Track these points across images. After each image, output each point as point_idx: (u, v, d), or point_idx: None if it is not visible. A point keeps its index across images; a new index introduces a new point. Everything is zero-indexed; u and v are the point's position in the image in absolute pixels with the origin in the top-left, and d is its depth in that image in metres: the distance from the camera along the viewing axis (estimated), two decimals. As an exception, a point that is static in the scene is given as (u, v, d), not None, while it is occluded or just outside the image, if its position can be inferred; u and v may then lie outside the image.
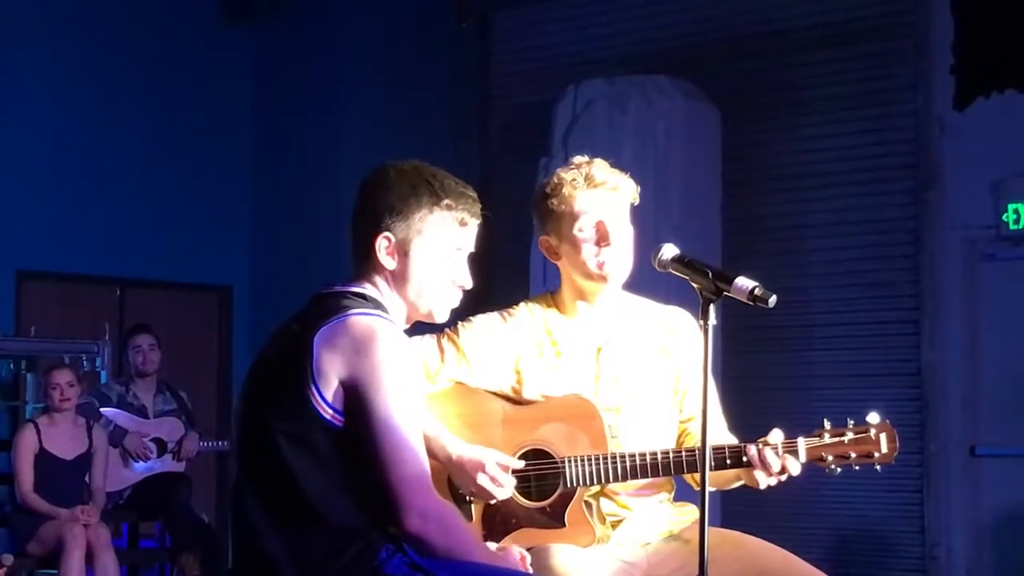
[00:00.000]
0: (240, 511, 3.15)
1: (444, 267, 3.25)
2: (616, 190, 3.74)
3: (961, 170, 9.65)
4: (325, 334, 3.07)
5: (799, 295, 9.64)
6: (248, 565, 3.15)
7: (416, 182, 3.21)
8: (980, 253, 9.67)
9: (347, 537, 3.05)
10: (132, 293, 11.24)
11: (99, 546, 7.80)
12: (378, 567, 3.03)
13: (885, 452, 3.57)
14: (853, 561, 9.61)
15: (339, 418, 3.05)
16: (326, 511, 3.05)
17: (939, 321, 9.73)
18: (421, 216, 3.20)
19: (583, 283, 3.77)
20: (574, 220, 3.72)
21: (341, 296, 3.19)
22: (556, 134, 9.68)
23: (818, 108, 10.12)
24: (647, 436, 3.70)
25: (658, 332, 3.81)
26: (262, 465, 3.11)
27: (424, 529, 3.02)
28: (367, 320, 3.09)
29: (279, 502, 3.08)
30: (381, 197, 3.20)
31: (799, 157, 10.22)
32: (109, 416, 8.58)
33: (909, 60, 9.82)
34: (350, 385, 3.04)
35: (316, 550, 3.04)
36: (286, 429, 3.06)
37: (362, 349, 3.04)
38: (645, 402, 3.75)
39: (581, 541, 3.63)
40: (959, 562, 9.59)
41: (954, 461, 9.63)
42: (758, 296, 3.26)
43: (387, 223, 3.19)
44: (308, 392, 3.04)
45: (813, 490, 9.02)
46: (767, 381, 9.91)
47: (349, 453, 3.05)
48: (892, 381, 9.75)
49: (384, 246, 3.20)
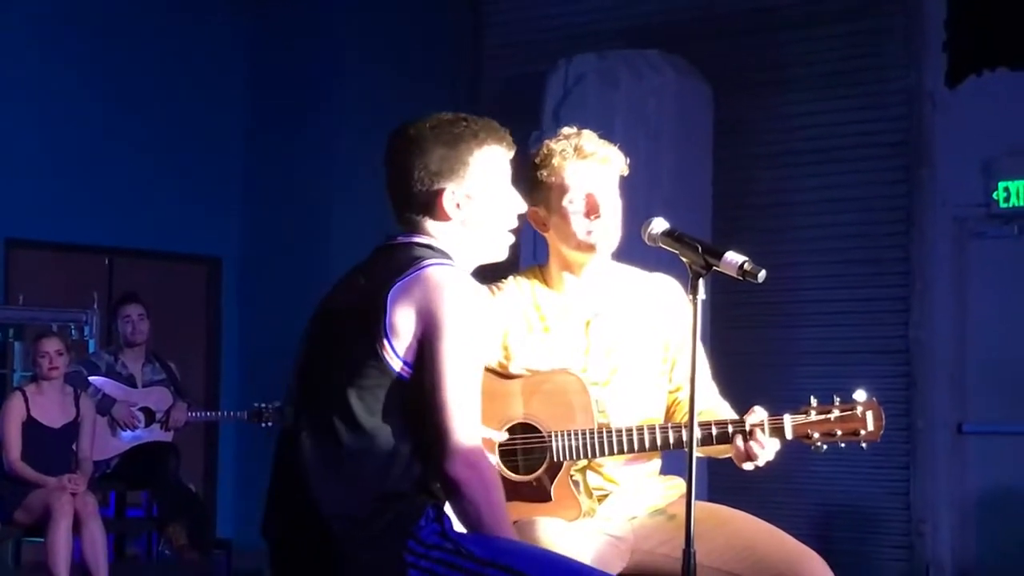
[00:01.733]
0: (291, 460, 3.15)
1: (505, 200, 3.32)
2: (606, 161, 3.74)
3: (952, 148, 9.65)
4: (400, 288, 3.10)
5: (788, 271, 9.64)
6: (291, 515, 3.15)
7: (453, 129, 3.25)
8: (970, 231, 9.68)
9: (395, 497, 3.07)
10: (121, 263, 11.22)
11: (86, 515, 7.80)
12: (415, 532, 3.05)
13: (871, 430, 3.58)
14: (839, 537, 9.64)
15: (408, 370, 3.09)
16: (382, 468, 3.07)
17: (928, 299, 9.75)
18: (474, 159, 3.24)
19: (571, 255, 3.76)
20: (564, 192, 3.72)
21: (409, 247, 3.22)
22: (547, 108, 9.67)
23: (809, 85, 10.11)
24: (636, 408, 3.71)
25: (647, 302, 3.80)
26: (326, 417, 3.11)
27: (467, 477, 3.04)
28: (443, 271, 3.13)
29: (339, 455, 3.09)
30: (426, 153, 3.23)
31: (790, 134, 10.22)
32: (97, 385, 8.57)
33: (901, 38, 9.81)
34: (423, 335, 3.08)
35: (364, 506, 3.06)
36: (358, 383, 3.09)
37: (437, 299, 3.08)
38: (635, 374, 3.75)
39: (567, 515, 3.64)
40: (944, 539, 9.63)
41: (941, 438, 9.66)
42: (747, 271, 3.26)
43: (444, 176, 3.22)
44: (380, 346, 3.08)
45: (799, 466, 9.04)
46: (754, 357, 9.92)
47: (414, 405, 3.08)
48: (880, 358, 9.77)
49: (450, 199, 3.23)
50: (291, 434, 3.18)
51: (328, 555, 3.06)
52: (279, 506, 3.20)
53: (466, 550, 3.05)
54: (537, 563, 3.09)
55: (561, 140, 3.76)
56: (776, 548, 3.60)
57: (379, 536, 3.05)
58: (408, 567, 3.04)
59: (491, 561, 3.04)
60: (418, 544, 3.05)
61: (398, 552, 3.04)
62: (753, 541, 3.62)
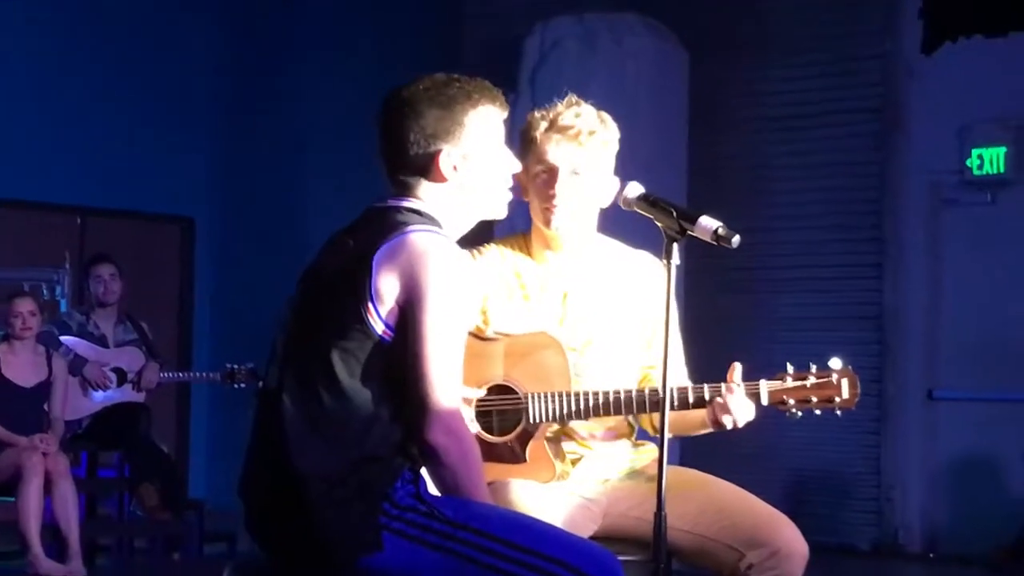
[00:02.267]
0: (271, 420, 3.15)
1: (501, 159, 3.31)
2: (577, 138, 3.69)
3: (927, 115, 9.67)
4: (385, 252, 3.10)
5: (763, 236, 9.65)
6: (267, 475, 3.15)
7: (447, 91, 3.25)
8: (944, 198, 9.70)
9: (372, 459, 3.08)
10: (93, 222, 11.17)
11: (58, 474, 7.78)
12: (389, 494, 3.06)
13: (846, 398, 3.59)
14: (810, 501, 9.69)
15: (390, 333, 3.10)
16: (362, 430, 3.08)
17: (901, 265, 9.78)
18: (468, 120, 3.24)
19: (539, 226, 3.76)
20: (536, 162, 3.72)
21: (397, 211, 3.22)
22: (524, 72, 9.65)
23: (786, 51, 10.11)
24: (609, 379, 3.71)
25: (627, 278, 3.80)
26: (308, 377, 3.12)
27: (445, 443, 3.05)
28: (427, 237, 3.12)
29: (319, 416, 3.10)
30: (421, 115, 3.22)
31: (766, 99, 10.22)
32: (69, 345, 8.54)
33: (877, 4, 9.81)
34: (405, 301, 3.08)
35: (341, 468, 3.06)
36: (341, 344, 3.09)
37: (420, 266, 3.08)
38: (607, 347, 3.75)
39: (541, 477, 3.64)
40: (914, 503, 9.69)
41: (912, 404, 9.71)
42: (721, 236, 3.26)
43: (440, 138, 3.22)
44: (365, 309, 3.09)
45: (771, 432, 9.07)
46: (729, 322, 9.94)
47: (394, 367, 3.09)
48: (853, 324, 9.80)
49: (447, 161, 3.22)
50: (272, 394, 3.18)
51: (303, 515, 3.06)
52: (256, 465, 3.20)
53: (439, 512, 3.07)
54: (509, 526, 3.10)
55: (546, 109, 3.74)
56: (748, 512, 3.61)
57: (354, 497, 3.05)
58: (382, 528, 3.04)
59: (464, 524, 3.06)
60: (392, 506, 3.06)
61: (372, 513, 3.05)
62: (725, 505, 3.63)
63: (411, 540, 3.05)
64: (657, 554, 3.16)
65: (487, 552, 3.04)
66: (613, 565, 3.11)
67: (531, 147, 3.72)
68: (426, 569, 3.05)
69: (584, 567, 3.05)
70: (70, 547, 7.74)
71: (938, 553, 9.56)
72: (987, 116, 9.40)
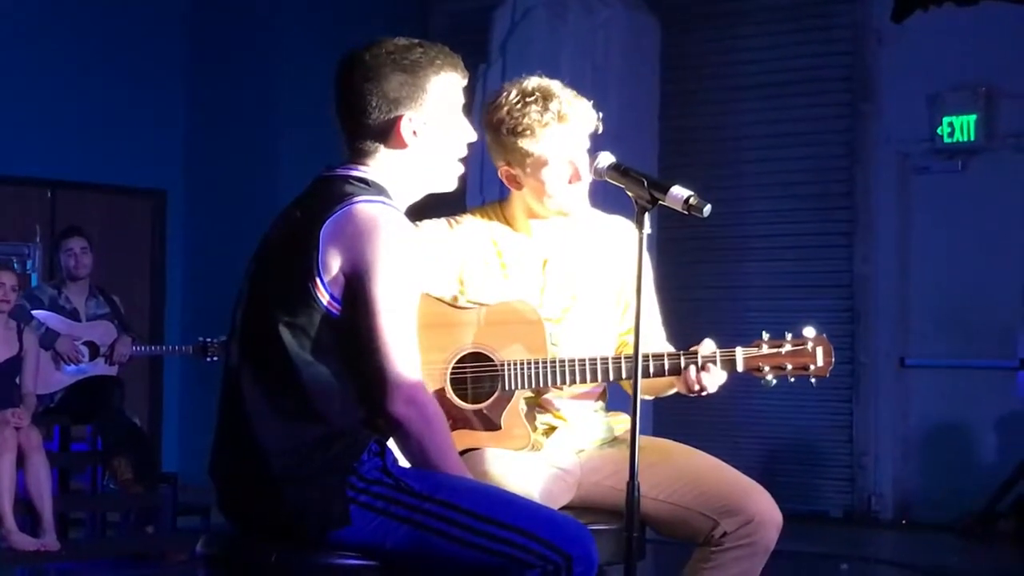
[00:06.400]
0: (234, 397, 3.14)
1: (458, 129, 3.27)
2: (583, 121, 3.70)
3: (897, 83, 9.69)
4: (331, 225, 3.06)
5: (734, 206, 9.68)
6: (233, 452, 3.14)
7: (410, 55, 3.19)
8: (914, 166, 9.74)
9: (337, 434, 3.06)
10: (64, 195, 11.12)
11: (30, 448, 7.77)
12: (356, 467, 3.05)
13: (820, 365, 3.61)
14: (783, 469, 9.74)
15: (336, 306, 3.06)
16: (322, 405, 3.06)
17: (872, 233, 9.81)
18: (431, 86, 3.20)
19: (541, 208, 3.75)
20: (546, 161, 3.67)
21: (344, 181, 3.17)
22: (494, 42, 9.62)
23: (756, 19, 10.12)
24: (586, 346, 3.71)
25: (604, 244, 3.81)
26: (263, 353, 3.10)
27: (407, 415, 3.04)
28: (372, 208, 3.08)
29: (277, 392, 3.08)
30: (384, 80, 3.17)
31: (736, 68, 10.23)
32: (41, 319, 8.51)
33: (848, -28, 9.82)
34: (351, 273, 3.04)
35: (306, 444, 3.05)
36: (289, 320, 3.06)
37: (365, 237, 3.04)
38: (586, 313, 3.76)
39: (515, 444, 3.65)
40: (886, 470, 9.75)
41: (883, 372, 9.75)
42: (693, 205, 3.26)
43: (403, 103, 3.17)
44: (312, 283, 3.05)
45: (744, 400, 9.11)
46: (701, 291, 9.97)
47: (348, 343, 3.06)
48: (824, 292, 9.84)
49: (407, 127, 3.18)
50: (234, 371, 3.16)
51: (271, 492, 3.06)
52: (224, 444, 3.19)
53: (406, 485, 3.06)
54: (477, 498, 3.09)
55: (537, 102, 3.66)
56: (721, 481, 3.63)
57: (320, 472, 3.04)
58: (349, 502, 3.04)
59: (430, 495, 3.05)
60: (359, 479, 3.05)
61: (339, 487, 3.04)
62: (698, 474, 3.64)
63: (379, 513, 3.04)
64: (630, 523, 3.16)
65: (454, 524, 3.03)
66: (583, 536, 3.09)
67: (537, 146, 3.66)
68: (394, 541, 3.04)
69: (552, 538, 3.03)
70: (43, 521, 7.74)
71: (910, 520, 9.62)
72: (958, 84, 9.43)
